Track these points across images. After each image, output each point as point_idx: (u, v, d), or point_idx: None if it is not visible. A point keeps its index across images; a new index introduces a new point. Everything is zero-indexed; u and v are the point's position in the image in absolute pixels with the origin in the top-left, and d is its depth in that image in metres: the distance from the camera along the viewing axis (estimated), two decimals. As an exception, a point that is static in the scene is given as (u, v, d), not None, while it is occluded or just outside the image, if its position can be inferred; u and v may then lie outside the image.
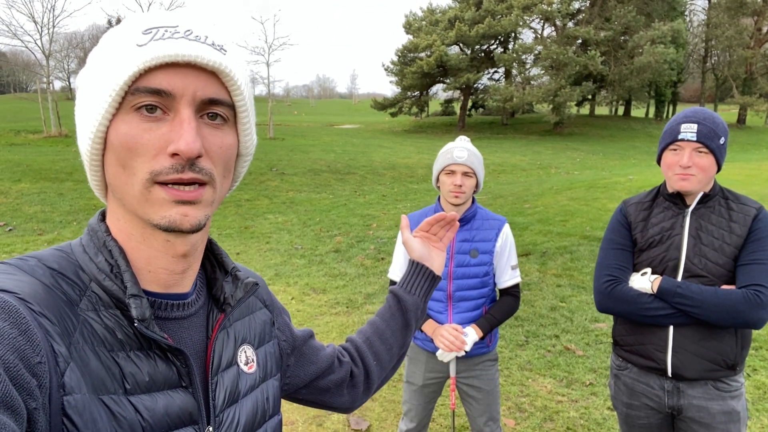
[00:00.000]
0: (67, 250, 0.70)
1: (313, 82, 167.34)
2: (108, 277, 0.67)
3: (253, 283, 0.82)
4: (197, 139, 0.63)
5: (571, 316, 5.06)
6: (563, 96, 29.13)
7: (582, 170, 16.88)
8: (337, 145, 21.70)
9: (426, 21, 36.14)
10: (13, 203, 9.46)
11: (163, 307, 0.72)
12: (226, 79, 0.66)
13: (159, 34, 0.63)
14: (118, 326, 0.66)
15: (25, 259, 0.66)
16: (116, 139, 0.63)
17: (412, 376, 2.51)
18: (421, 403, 2.50)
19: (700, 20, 42.40)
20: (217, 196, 0.69)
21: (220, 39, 0.67)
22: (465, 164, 2.28)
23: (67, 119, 22.44)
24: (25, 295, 0.59)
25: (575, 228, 7.96)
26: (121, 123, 0.63)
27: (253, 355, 0.84)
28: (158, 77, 0.62)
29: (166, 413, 0.67)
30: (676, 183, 1.87)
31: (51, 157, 14.01)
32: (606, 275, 1.98)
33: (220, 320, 0.78)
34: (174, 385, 0.69)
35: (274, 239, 8.31)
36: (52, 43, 20.16)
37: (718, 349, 1.84)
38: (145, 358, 0.67)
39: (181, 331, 0.73)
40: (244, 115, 0.71)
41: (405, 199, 11.63)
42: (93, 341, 0.63)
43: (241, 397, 0.79)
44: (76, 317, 0.63)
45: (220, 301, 0.79)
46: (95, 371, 0.62)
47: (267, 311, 0.93)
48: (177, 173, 0.62)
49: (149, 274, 0.70)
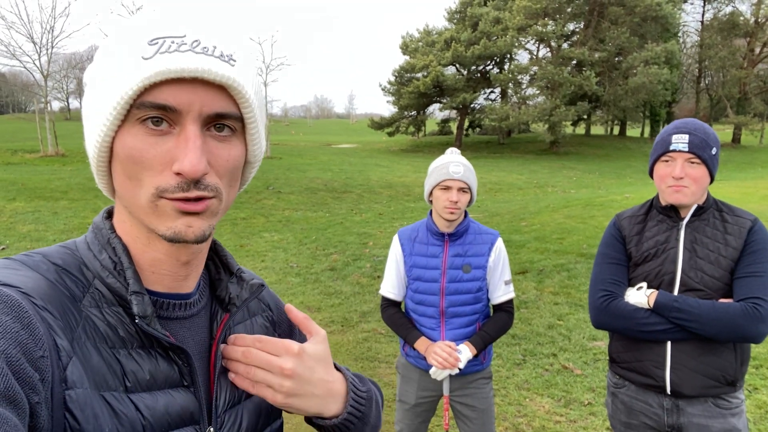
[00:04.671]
0: (71, 247, 0.70)
1: (311, 103, 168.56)
2: (111, 274, 0.67)
3: (259, 284, 0.82)
4: (202, 159, 0.61)
5: (568, 335, 5.00)
6: (559, 115, 29.31)
7: (578, 189, 16.91)
8: (334, 164, 21.74)
9: (422, 42, 36.54)
10: (7, 222, 9.40)
11: (166, 307, 0.71)
12: (234, 93, 0.64)
13: (165, 46, 0.61)
14: (121, 323, 0.66)
15: (31, 255, 0.66)
16: (122, 151, 0.62)
17: (404, 395, 2.45)
18: (414, 423, 2.44)
19: (693, 41, 42.95)
20: (223, 206, 0.68)
21: (229, 48, 0.64)
22: (461, 180, 2.24)
23: (64, 139, 22.50)
24: (29, 289, 0.59)
25: (572, 246, 7.92)
26: (127, 135, 0.62)
27: None
28: (164, 92, 0.60)
29: (166, 412, 0.66)
30: (670, 196, 1.84)
31: (47, 176, 13.99)
32: (601, 290, 1.95)
33: (224, 320, 0.77)
34: (175, 384, 0.69)
35: (269, 257, 8.25)
36: (50, 63, 20.26)
37: (717, 364, 1.80)
38: (146, 356, 0.66)
39: (183, 330, 0.73)
40: (253, 126, 0.69)
41: (402, 218, 11.60)
42: (95, 338, 0.63)
43: (243, 399, 0.78)
44: (78, 313, 0.63)
45: (224, 301, 0.79)
46: (97, 367, 0.62)
47: (268, 316, 0.91)
48: (182, 192, 0.62)
49: (153, 275, 0.70)
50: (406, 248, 2.40)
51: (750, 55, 36.69)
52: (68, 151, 19.96)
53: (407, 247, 2.39)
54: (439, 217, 2.33)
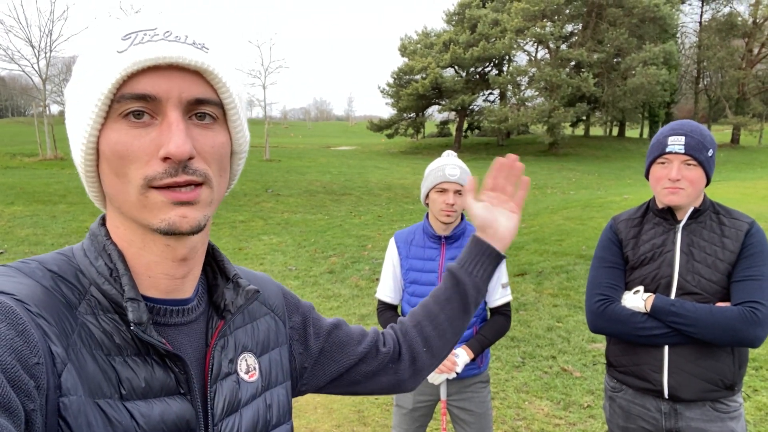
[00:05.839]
0: (68, 254, 0.70)
1: (310, 105, 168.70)
2: (107, 281, 0.66)
3: (255, 290, 0.80)
4: (187, 141, 0.62)
5: (568, 337, 4.99)
6: (557, 117, 29.29)
7: (578, 190, 16.90)
8: (333, 166, 21.72)
9: (421, 44, 36.49)
10: (5, 226, 9.39)
11: (162, 313, 0.71)
12: (210, 77, 0.66)
13: (138, 38, 0.63)
14: (116, 331, 0.65)
15: (27, 262, 0.66)
16: (108, 148, 0.63)
17: (401, 400, 2.43)
18: (411, 427, 2.42)
19: (691, 42, 42.95)
20: (215, 196, 0.68)
21: (201, 37, 0.67)
22: (457, 182, 2.23)
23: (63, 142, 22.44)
24: (23, 296, 0.59)
25: (571, 247, 7.90)
26: (110, 132, 0.63)
27: (254, 363, 0.82)
28: (142, 82, 0.62)
29: (162, 420, 0.65)
30: (665, 197, 1.82)
31: (45, 179, 13.98)
32: (598, 294, 1.93)
33: (219, 327, 0.77)
34: (171, 392, 0.68)
35: (268, 260, 8.24)
36: (49, 67, 20.28)
37: (715, 368, 1.78)
38: (142, 364, 0.66)
39: (180, 337, 0.72)
40: (233, 112, 0.70)
41: (401, 220, 11.58)
42: (90, 344, 0.63)
43: (241, 406, 0.77)
44: (74, 320, 0.62)
45: (220, 308, 0.78)
46: (92, 375, 0.61)
47: (274, 316, 0.90)
48: (171, 177, 0.62)
49: (149, 280, 0.70)
50: (402, 251, 2.38)
51: (748, 56, 36.69)
52: (67, 154, 19.89)
53: (404, 250, 2.38)
54: (435, 220, 2.32)
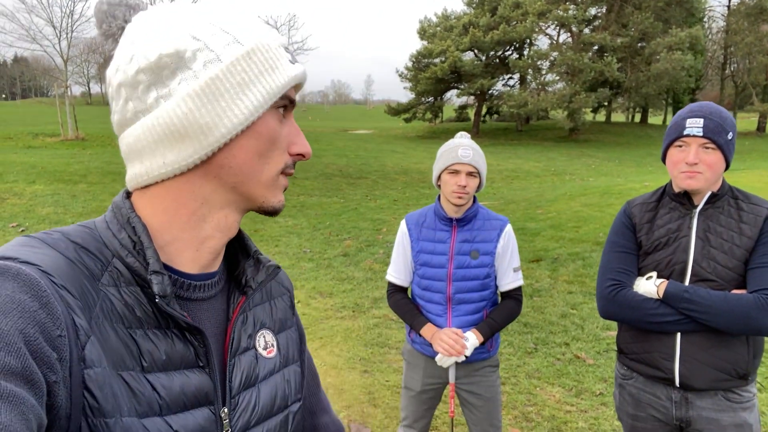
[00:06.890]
0: (90, 226, 0.70)
1: (328, 88, 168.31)
2: (130, 254, 0.67)
3: (276, 266, 0.83)
4: None
5: (582, 324, 4.95)
6: (578, 102, 28.83)
7: (597, 177, 16.67)
8: (350, 149, 21.70)
9: (440, 27, 36.05)
10: (27, 204, 9.56)
11: (186, 287, 0.72)
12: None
13: (290, 54, 0.74)
14: (138, 303, 0.66)
15: (50, 233, 0.66)
16: (266, 130, 0.70)
17: (410, 382, 2.43)
18: (419, 410, 2.43)
19: (719, 26, 41.77)
20: None
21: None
22: (470, 164, 2.20)
23: (84, 123, 22.75)
24: (48, 267, 0.59)
25: (588, 234, 7.82)
26: (270, 117, 0.70)
27: (272, 340, 0.84)
28: (291, 90, 0.74)
29: (182, 392, 0.67)
30: (683, 181, 1.77)
31: (66, 159, 14.17)
32: (609, 279, 1.90)
33: (241, 303, 0.78)
34: (191, 365, 0.69)
35: (283, 242, 8.29)
36: (70, 48, 20.46)
37: (728, 357, 1.74)
38: (162, 337, 0.67)
39: (201, 311, 0.74)
40: None
41: (416, 204, 11.55)
42: (112, 317, 0.63)
43: (258, 381, 0.78)
44: (96, 292, 0.63)
45: (241, 283, 0.80)
46: (114, 347, 0.62)
47: (289, 298, 0.93)
48: (292, 168, 0.76)
49: (194, 253, 0.72)
50: (413, 233, 2.37)
51: (778, 41, 35.63)
52: (88, 135, 20.17)
53: (414, 233, 2.37)
54: (447, 202, 2.30)
